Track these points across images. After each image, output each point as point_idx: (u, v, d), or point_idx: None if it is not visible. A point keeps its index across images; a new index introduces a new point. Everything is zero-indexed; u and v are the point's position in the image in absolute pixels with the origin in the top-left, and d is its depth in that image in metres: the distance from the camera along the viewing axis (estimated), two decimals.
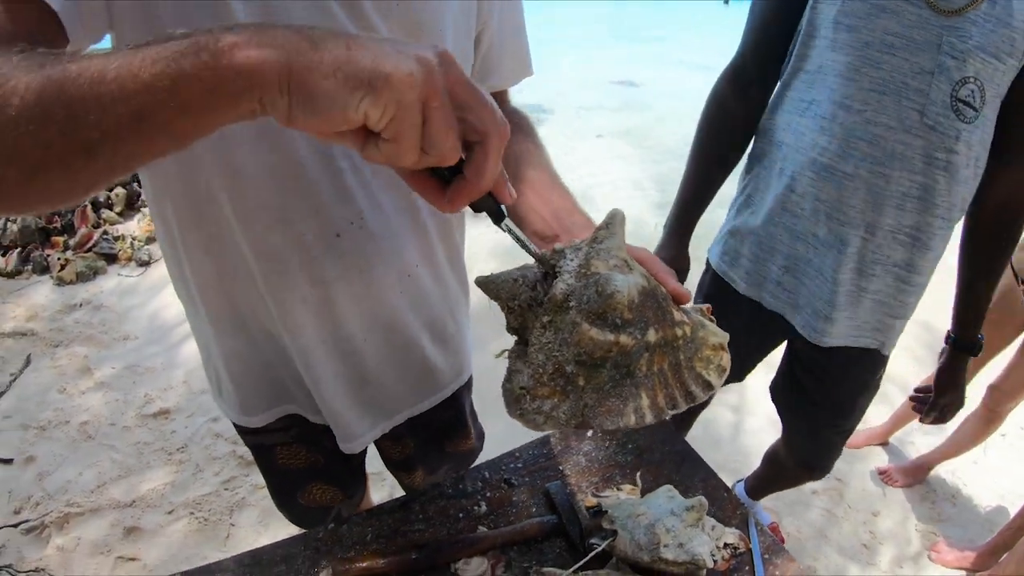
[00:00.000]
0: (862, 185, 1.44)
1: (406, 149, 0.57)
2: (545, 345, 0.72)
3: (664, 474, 1.32)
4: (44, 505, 2.61)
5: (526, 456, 1.36)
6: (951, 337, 1.70)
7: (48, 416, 3.00)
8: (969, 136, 1.36)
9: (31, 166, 0.53)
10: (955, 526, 2.77)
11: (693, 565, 1.07)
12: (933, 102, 1.34)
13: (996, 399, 2.54)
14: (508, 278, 0.78)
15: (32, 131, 0.51)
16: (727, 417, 3.15)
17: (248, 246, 1.01)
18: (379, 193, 1.03)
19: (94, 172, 0.55)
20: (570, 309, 0.71)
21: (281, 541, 1.21)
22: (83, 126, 0.52)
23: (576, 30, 10.34)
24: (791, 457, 2.08)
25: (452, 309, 1.30)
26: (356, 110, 0.54)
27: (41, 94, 0.51)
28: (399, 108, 0.54)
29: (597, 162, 5.62)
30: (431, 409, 1.37)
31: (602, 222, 0.78)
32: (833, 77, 1.43)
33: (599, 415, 0.73)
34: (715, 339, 0.82)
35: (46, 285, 3.84)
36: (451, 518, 1.24)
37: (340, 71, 0.53)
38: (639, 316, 0.72)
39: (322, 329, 1.12)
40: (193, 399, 3.10)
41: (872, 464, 3.03)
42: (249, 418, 1.28)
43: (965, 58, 1.29)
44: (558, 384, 0.72)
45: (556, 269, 0.75)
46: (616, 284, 0.70)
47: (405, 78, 0.54)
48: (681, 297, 0.79)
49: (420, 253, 1.16)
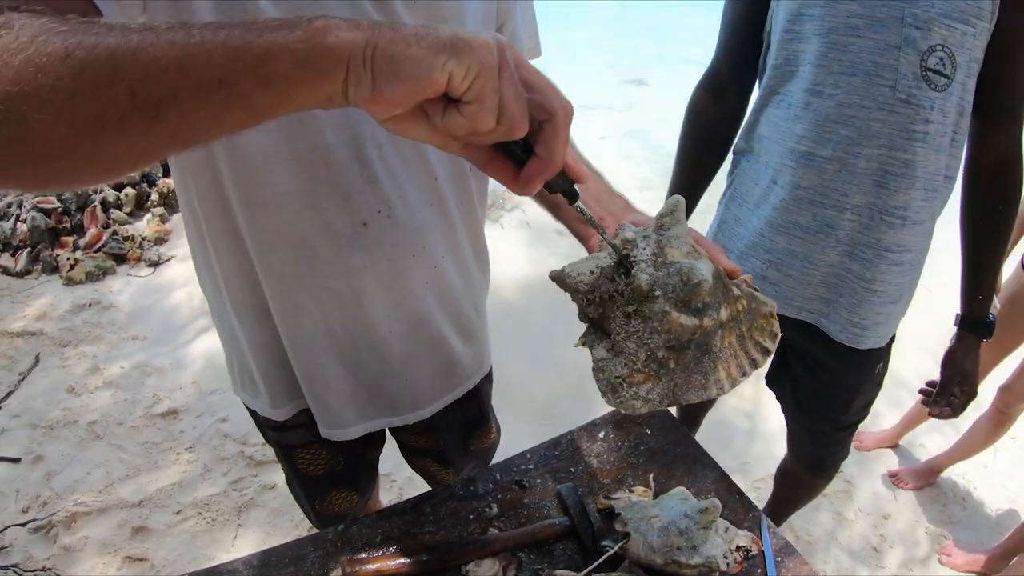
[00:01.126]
0: (842, 167, 1.45)
1: (488, 110, 0.59)
2: (634, 334, 0.78)
3: (676, 476, 1.31)
4: (52, 504, 2.61)
5: (537, 458, 1.35)
6: (959, 316, 1.68)
7: (56, 415, 3.00)
8: (944, 103, 1.36)
9: (88, 124, 0.52)
10: (965, 529, 2.76)
11: (706, 568, 1.07)
12: (903, 75, 1.34)
13: (1007, 400, 2.52)
14: (585, 270, 0.80)
15: (97, 86, 0.51)
16: (739, 420, 3.14)
17: (276, 234, 1.02)
18: (406, 183, 1.04)
19: (152, 139, 0.55)
20: (656, 298, 0.76)
21: (291, 542, 1.20)
22: (155, 85, 0.52)
23: (584, 31, 10.32)
24: (798, 461, 2.06)
25: (475, 301, 1.32)
26: (442, 71, 0.56)
27: (113, 52, 0.51)
28: (482, 68, 0.57)
29: (606, 161, 5.62)
30: (456, 402, 1.38)
31: (664, 208, 0.81)
32: (802, 66, 1.44)
33: (687, 392, 0.80)
34: (766, 308, 0.89)
35: (55, 285, 3.84)
36: (462, 520, 1.23)
37: (423, 40, 0.56)
38: (714, 298, 0.78)
39: (348, 320, 1.13)
40: (202, 399, 3.10)
41: (882, 467, 3.01)
42: (275, 411, 1.28)
43: (929, 27, 1.30)
44: (652, 369, 0.78)
45: (631, 258, 0.78)
46: (701, 273, 0.75)
47: (484, 43, 0.57)
48: (735, 273, 0.86)
49: (446, 244, 1.17)
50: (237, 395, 1.37)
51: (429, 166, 1.06)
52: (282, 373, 1.22)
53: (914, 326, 3.75)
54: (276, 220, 1.00)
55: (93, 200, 4.30)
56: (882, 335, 1.64)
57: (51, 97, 0.51)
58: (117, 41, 0.52)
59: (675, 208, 0.81)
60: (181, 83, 0.52)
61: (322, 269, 1.06)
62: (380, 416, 1.29)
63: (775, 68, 1.50)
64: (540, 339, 3.52)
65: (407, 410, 1.31)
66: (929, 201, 1.48)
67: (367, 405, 1.27)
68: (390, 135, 0.93)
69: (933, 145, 1.39)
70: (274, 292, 1.09)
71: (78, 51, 0.51)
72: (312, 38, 0.54)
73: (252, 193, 0.98)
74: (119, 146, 0.55)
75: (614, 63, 8.87)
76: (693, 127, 1.72)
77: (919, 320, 3.32)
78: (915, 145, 1.39)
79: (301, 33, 0.54)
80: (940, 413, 1.75)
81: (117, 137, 0.54)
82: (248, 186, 0.97)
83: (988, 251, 1.57)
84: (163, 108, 0.53)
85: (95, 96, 0.51)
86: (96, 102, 0.51)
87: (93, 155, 0.55)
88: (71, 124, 0.52)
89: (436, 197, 1.10)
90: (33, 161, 0.54)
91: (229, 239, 1.05)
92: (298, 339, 1.15)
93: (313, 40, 0.54)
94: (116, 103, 0.52)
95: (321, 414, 1.25)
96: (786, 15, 1.44)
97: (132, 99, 0.52)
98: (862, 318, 1.58)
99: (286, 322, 1.13)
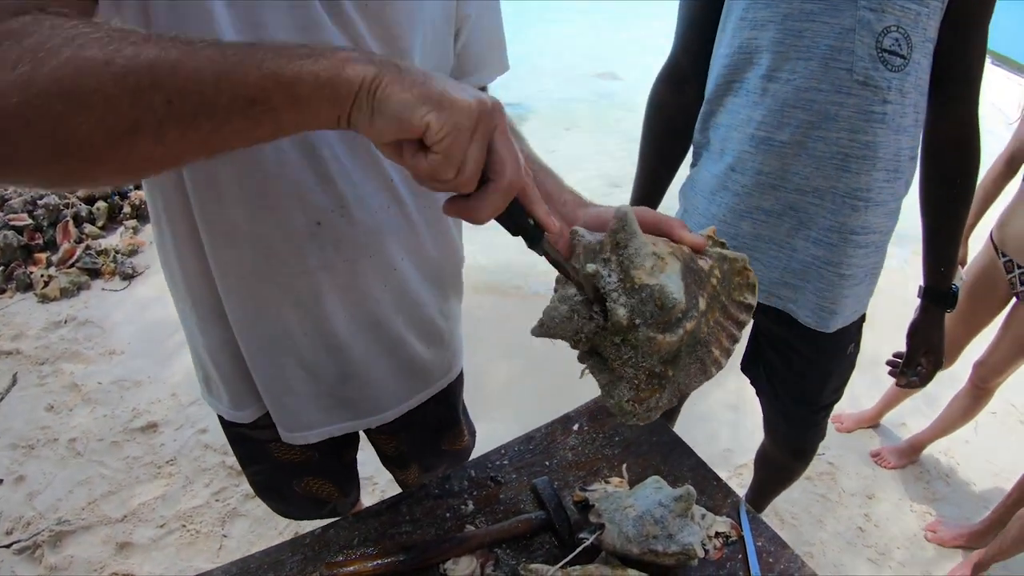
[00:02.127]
0: (802, 151, 1.45)
1: (450, 165, 0.64)
2: (628, 360, 0.81)
3: (652, 465, 1.31)
4: (35, 524, 2.58)
5: (512, 453, 1.35)
6: (922, 288, 1.70)
7: (36, 435, 2.97)
8: (901, 83, 1.37)
9: (124, 130, 0.57)
10: (950, 505, 2.78)
11: (684, 555, 1.07)
12: (860, 58, 1.34)
13: (982, 375, 2.55)
14: (562, 317, 0.81)
15: (136, 93, 0.56)
16: (719, 408, 3.16)
17: (232, 233, 1.02)
18: (361, 183, 1.04)
19: (184, 146, 0.61)
20: (638, 327, 0.78)
21: (268, 548, 1.20)
22: (192, 97, 0.58)
23: (556, 26, 10.33)
24: (776, 445, 2.07)
25: (441, 305, 1.30)
26: (421, 119, 0.62)
27: (156, 61, 0.56)
28: (455, 128, 0.62)
29: (582, 157, 5.63)
30: (423, 404, 1.37)
31: (614, 224, 0.80)
32: (758, 54, 1.44)
33: (691, 383, 0.86)
34: (738, 264, 0.90)
35: (30, 302, 3.80)
36: (439, 518, 1.23)
37: (415, 87, 0.62)
38: (689, 298, 0.80)
39: (306, 321, 1.13)
40: (181, 411, 3.08)
41: (864, 447, 3.03)
42: (239, 413, 1.27)
43: (883, 8, 1.31)
44: (654, 384, 0.83)
45: (602, 290, 0.79)
46: (673, 297, 0.76)
47: (467, 106, 0.63)
48: (699, 246, 0.87)
49: (406, 247, 1.16)
50: (204, 400, 1.36)
51: (383, 168, 1.06)
52: (243, 375, 1.21)
53: (890, 306, 3.79)
54: (232, 218, 1.00)
55: (65, 215, 4.26)
56: (848, 317, 1.65)
57: (91, 100, 0.55)
58: (157, 53, 0.57)
59: (625, 221, 0.79)
60: (217, 99, 0.58)
61: (279, 268, 1.06)
62: (343, 419, 1.28)
63: (731, 57, 1.49)
64: (520, 342, 3.52)
65: (370, 413, 1.30)
66: (892, 182, 1.48)
67: (329, 408, 1.26)
68: (342, 137, 0.97)
69: (893, 126, 1.40)
70: (231, 292, 1.08)
71: (118, 58, 0.55)
72: (334, 67, 0.62)
73: (209, 192, 0.98)
74: (153, 151, 0.60)
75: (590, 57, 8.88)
76: (655, 119, 1.73)
77: (895, 300, 3.35)
78: (874, 127, 1.39)
79: (327, 63, 0.62)
80: (908, 383, 1.78)
81: (152, 143, 0.59)
82: (205, 185, 0.98)
83: (948, 223, 1.59)
84: (198, 119, 0.59)
85: (134, 103, 0.56)
86: (134, 109, 0.56)
87: (127, 157, 0.60)
88: (109, 127, 0.57)
89: (394, 199, 1.10)
90: (67, 159, 0.58)
91: (191, 240, 1.05)
92: (256, 340, 1.14)
93: (335, 69, 0.62)
94: (154, 111, 0.57)
95: (281, 417, 1.24)
96: (741, 3, 1.45)
97: (169, 108, 0.57)
98: (830, 302, 1.58)
99: (243, 323, 1.12)
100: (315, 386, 1.21)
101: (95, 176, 0.62)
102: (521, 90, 7.35)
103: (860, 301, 1.66)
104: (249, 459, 1.48)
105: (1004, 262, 2.33)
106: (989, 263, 2.39)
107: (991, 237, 2.39)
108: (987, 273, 2.40)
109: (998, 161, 2.33)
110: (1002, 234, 2.33)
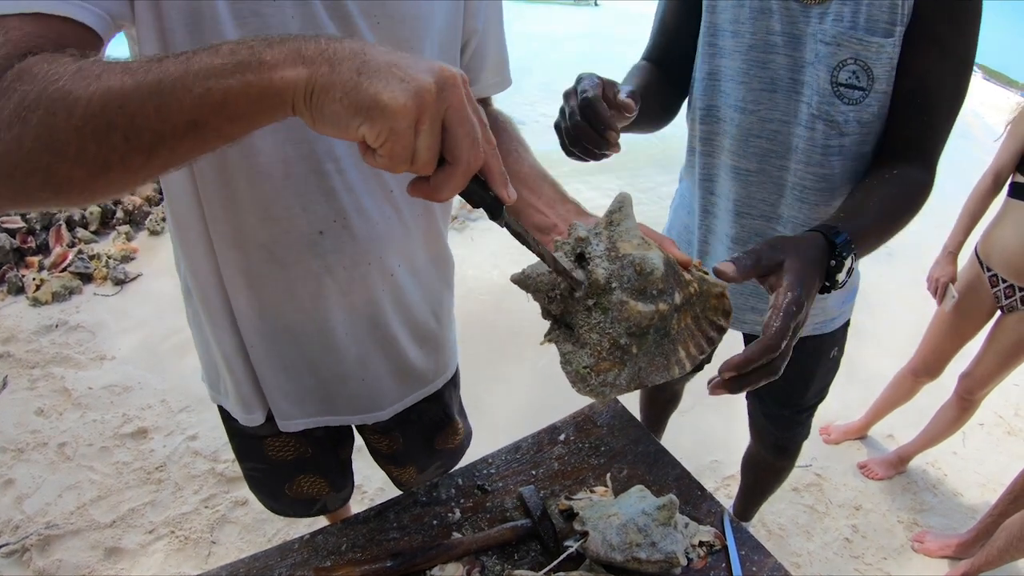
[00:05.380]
0: (767, 180, 1.46)
1: (398, 162, 0.64)
2: (596, 325, 0.82)
3: (637, 475, 1.32)
4: (24, 528, 2.57)
5: (499, 462, 1.36)
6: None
7: (26, 438, 2.96)
8: (859, 115, 1.33)
9: (98, 166, 0.63)
10: (937, 515, 2.80)
11: (667, 563, 1.08)
12: (817, 92, 1.33)
13: (968, 387, 2.57)
14: (544, 270, 0.84)
15: (98, 137, 0.61)
16: (707, 419, 3.16)
17: (240, 238, 1.08)
18: (362, 196, 1.09)
19: (152, 168, 0.65)
20: (614, 290, 0.80)
21: (257, 554, 1.21)
22: (144, 132, 0.62)
23: (548, 41, 10.36)
24: (761, 445, 2.10)
25: (434, 309, 1.36)
26: (356, 131, 0.62)
27: (105, 105, 0.61)
28: (391, 133, 0.61)
29: (577, 175, 5.64)
30: (417, 404, 1.42)
31: (613, 205, 0.86)
32: (726, 82, 1.44)
33: (651, 374, 0.84)
34: (716, 289, 0.91)
35: (21, 306, 3.79)
36: (426, 525, 1.24)
37: (346, 97, 0.61)
38: (668, 284, 0.83)
39: (305, 321, 1.18)
40: (171, 417, 3.08)
41: (852, 459, 3.05)
42: (248, 416, 1.31)
43: (838, 42, 1.28)
44: (616, 356, 0.82)
45: (586, 255, 0.83)
46: (653, 262, 0.80)
47: (399, 108, 0.60)
48: (686, 263, 0.90)
49: (402, 255, 1.22)
50: (211, 397, 1.40)
51: (384, 180, 1.12)
52: (254, 380, 1.26)
53: (879, 319, 3.82)
54: (240, 225, 1.06)
55: (58, 219, 4.26)
56: (819, 323, 1.66)
57: (66, 150, 0.61)
58: (105, 91, 0.61)
59: (622, 204, 0.85)
60: (162, 128, 0.62)
61: (282, 272, 1.12)
62: (338, 413, 1.33)
63: (707, 80, 1.48)
64: (508, 346, 3.55)
65: (366, 410, 1.35)
66: None
67: (326, 402, 1.31)
68: (348, 151, 1.03)
69: (851, 155, 1.38)
70: (238, 292, 1.14)
71: (76, 108, 0.60)
72: (261, 80, 0.62)
73: (220, 199, 1.04)
74: (126, 178, 0.65)
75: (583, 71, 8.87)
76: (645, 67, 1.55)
77: (885, 313, 3.39)
78: (831, 159, 1.38)
79: (252, 76, 0.62)
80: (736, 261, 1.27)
81: (123, 172, 0.64)
82: (217, 193, 1.03)
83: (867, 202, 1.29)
84: (154, 147, 0.63)
85: (98, 146, 0.61)
86: (100, 149, 0.61)
87: (107, 184, 0.65)
88: (85, 166, 0.62)
89: (392, 209, 1.15)
90: (63, 194, 0.65)
91: (203, 244, 1.10)
92: (259, 337, 1.20)
93: (262, 82, 0.62)
94: (115, 148, 0.62)
95: (278, 407, 1.29)
96: (713, 28, 1.43)
97: (127, 143, 0.62)
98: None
99: (249, 321, 1.17)
100: (314, 380, 1.27)
101: (90, 198, 0.67)
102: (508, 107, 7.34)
103: (829, 311, 1.67)
104: (245, 455, 1.51)
105: (989, 276, 2.35)
106: (974, 277, 2.41)
107: (976, 251, 2.41)
108: (972, 287, 2.42)
109: (984, 178, 2.35)
110: (987, 248, 2.36)
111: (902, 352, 2.92)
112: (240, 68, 0.62)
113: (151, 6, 0.85)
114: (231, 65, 0.62)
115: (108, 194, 0.68)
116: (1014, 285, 2.29)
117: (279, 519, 2.52)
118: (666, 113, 1.56)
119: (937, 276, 2.48)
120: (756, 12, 1.35)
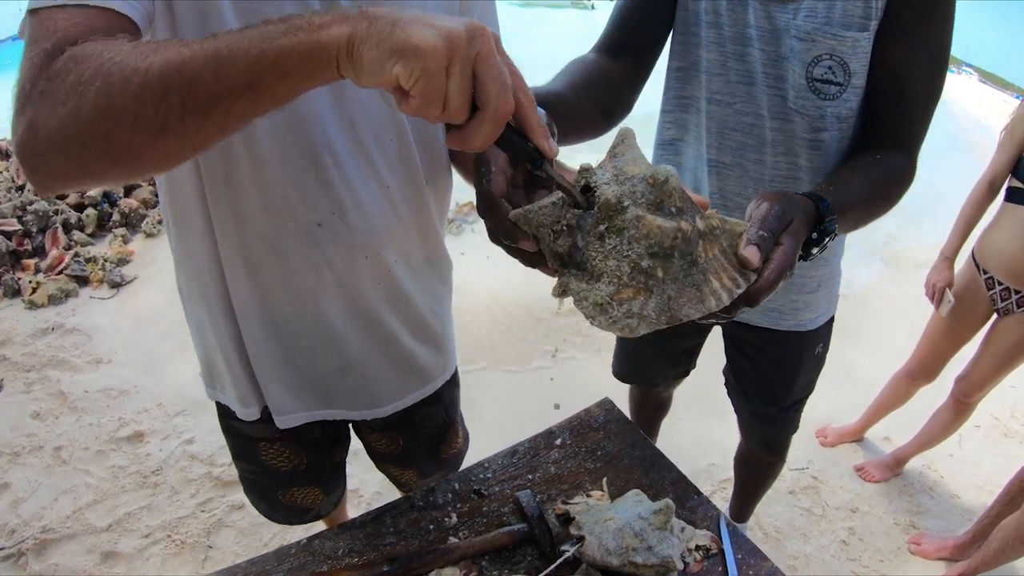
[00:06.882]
0: (744, 173, 1.46)
1: (430, 104, 0.67)
2: (612, 251, 0.75)
3: (634, 479, 1.32)
4: (20, 532, 2.57)
5: (496, 466, 1.36)
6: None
7: (22, 442, 2.96)
8: (837, 110, 1.32)
9: (155, 130, 0.69)
10: (934, 517, 2.80)
11: (663, 567, 1.08)
12: (793, 86, 1.32)
13: (964, 390, 2.58)
14: (547, 203, 0.78)
15: (156, 100, 0.67)
16: (702, 423, 3.16)
17: (239, 228, 1.10)
18: (359, 189, 1.12)
19: (206, 133, 0.72)
20: (627, 208, 0.74)
21: (253, 559, 1.21)
22: (200, 94, 0.67)
23: (544, 44, 10.36)
24: (750, 442, 2.10)
25: (433, 307, 1.36)
26: (391, 73, 0.66)
27: (164, 72, 0.67)
28: (423, 72, 0.65)
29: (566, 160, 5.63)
30: (419, 407, 1.43)
31: (615, 139, 0.83)
32: (703, 74, 1.43)
33: (684, 305, 0.75)
34: (740, 227, 0.84)
35: (17, 309, 3.78)
36: (422, 530, 1.24)
37: (382, 43, 0.66)
38: (687, 206, 0.77)
39: (303, 312, 1.20)
40: (167, 421, 3.07)
41: (848, 461, 3.05)
42: (245, 410, 1.32)
43: (813, 38, 1.27)
44: (639, 281, 0.74)
45: (592, 184, 0.77)
46: (668, 169, 0.75)
47: (430, 49, 0.64)
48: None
49: (399, 250, 1.23)
50: (208, 394, 1.41)
51: (381, 176, 1.14)
52: (252, 374, 1.27)
53: (871, 319, 3.82)
54: (242, 214, 1.10)
55: (54, 222, 4.25)
56: (803, 320, 1.66)
57: (124, 115, 0.67)
58: (163, 61, 0.67)
59: (625, 137, 0.83)
60: (219, 89, 0.68)
61: (281, 262, 1.14)
62: (337, 407, 1.34)
63: (682, 71, 1.47)
64: (503, 350, 3.55)
65: (365, 406, 1.36)
66: None
67: (324, 396, 1.32)
68: (345, 145, 1.06)
69: (830, 151, 1.38)
70: (237, 282, 1.16)
71: (135, 77, 0.67)
72: (311, 38, 0.67)
73: (220, 190, 1.08)
74: (182, 142, 0.71)
75: None
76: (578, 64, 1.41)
77: (876, 313, 3.40)
78: (810, 153, 1.38)
79: (304, 36, 0.67)
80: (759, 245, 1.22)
81: (179, 136, 0.70)
82: (218, 184, 1.07)
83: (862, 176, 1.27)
84: (210, 109, 0.69)
85: (156, 109, 0.67)
86: (158, 113, 0.68)
87: (164, 150, 0.72)
88: (142, 131, 0.69)
89: (389, 204, 1.17)
90: (121, 162, 0.72)
91: (205, 233, 1.13)
92: (258, 328, 1.21)
93: (311, 40, 0.67)
94: (172, 110, 0.68)
95: (275, 399, 1.29)
96: (690, 17, 1.41)
97: (184, 106, 0.68)
98: (778, 304, 1.61)
99: (247, 311, 1.19)
100: (313, 372, 1.28)
101: (147, 167, 0.76)
102: None
103: (813, 307, 1.66)
104: (240, 455, 1.51)
105: (985, 279, 2.36)
106: (971, 280, 2.42)
107: (972, 255, 2.42)
108: (969, 290, 2.43)
109: (980, 183, 2.36)
110: (983, 251, 2.37)
111: (898, 355, 2.92)
112: (292, 29, 0.68)
113: (166, 6, 0.91)
114: (285, 28, 0.68)
115: (163, 163, 0.76)
116: (1010, 288, 2.30)
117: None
118: (611, 111, 1.41)
119: (934, 281, 2.49)
120: (732, 3, 1.34)
